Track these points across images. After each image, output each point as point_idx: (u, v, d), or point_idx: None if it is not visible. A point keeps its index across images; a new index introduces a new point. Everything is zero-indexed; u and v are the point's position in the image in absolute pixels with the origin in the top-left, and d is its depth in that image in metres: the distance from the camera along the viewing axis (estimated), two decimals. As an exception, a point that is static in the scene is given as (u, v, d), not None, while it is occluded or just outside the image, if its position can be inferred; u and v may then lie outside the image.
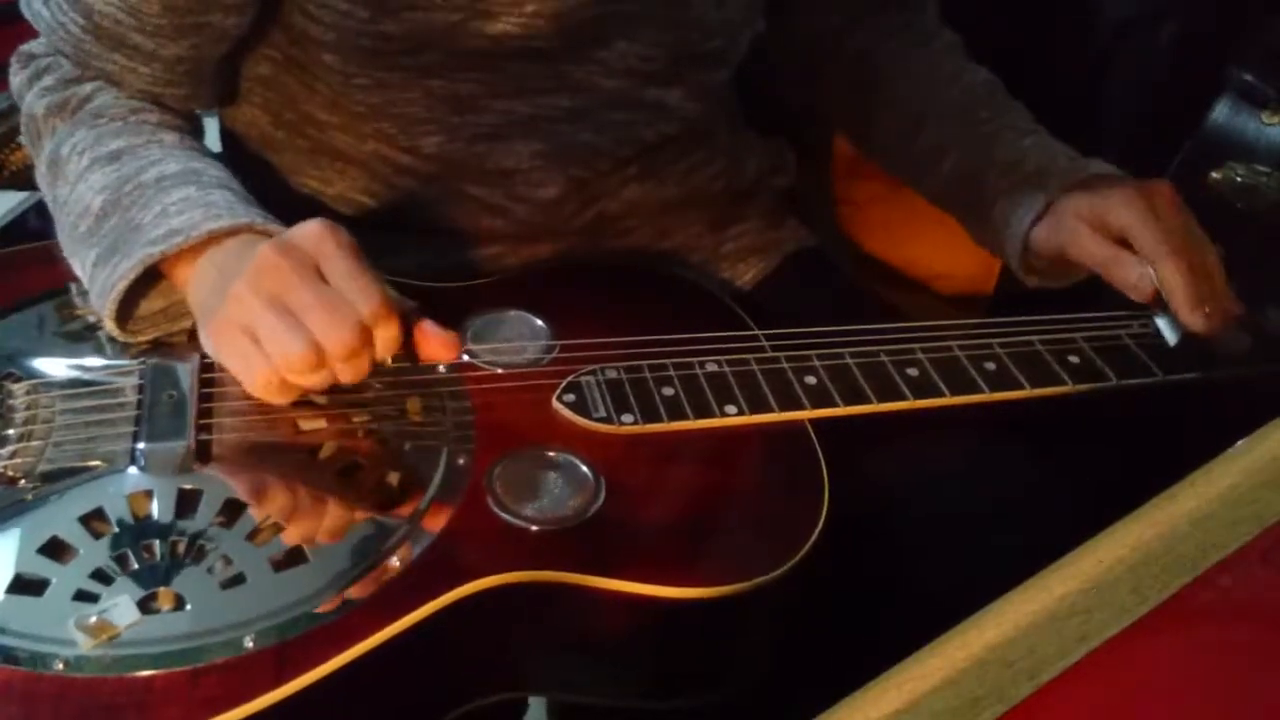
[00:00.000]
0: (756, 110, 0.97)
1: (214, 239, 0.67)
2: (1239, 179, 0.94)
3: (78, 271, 0.72)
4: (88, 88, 0.75)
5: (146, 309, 0.71)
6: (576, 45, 0.76)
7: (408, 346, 0.65)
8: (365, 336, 0.61)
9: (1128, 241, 0.74)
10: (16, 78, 0.79)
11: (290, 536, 0.62)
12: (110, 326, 0.69)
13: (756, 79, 0.94)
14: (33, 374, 0.70)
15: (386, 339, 0.63)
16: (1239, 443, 0.54)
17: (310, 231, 0.63)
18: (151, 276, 0.69)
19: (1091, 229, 0.75)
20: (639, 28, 0.77)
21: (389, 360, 0.65)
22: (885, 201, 1.10)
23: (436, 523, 0.63)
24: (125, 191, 0.70)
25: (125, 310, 0.69)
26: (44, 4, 0.75)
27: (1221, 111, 0.98)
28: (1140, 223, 0.72)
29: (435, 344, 0.66)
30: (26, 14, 0.77)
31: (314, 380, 0.63)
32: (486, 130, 0.78)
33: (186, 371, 0.70)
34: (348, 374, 0.63)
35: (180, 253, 0.67)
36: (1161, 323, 0.73)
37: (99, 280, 0.69)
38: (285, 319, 0.61)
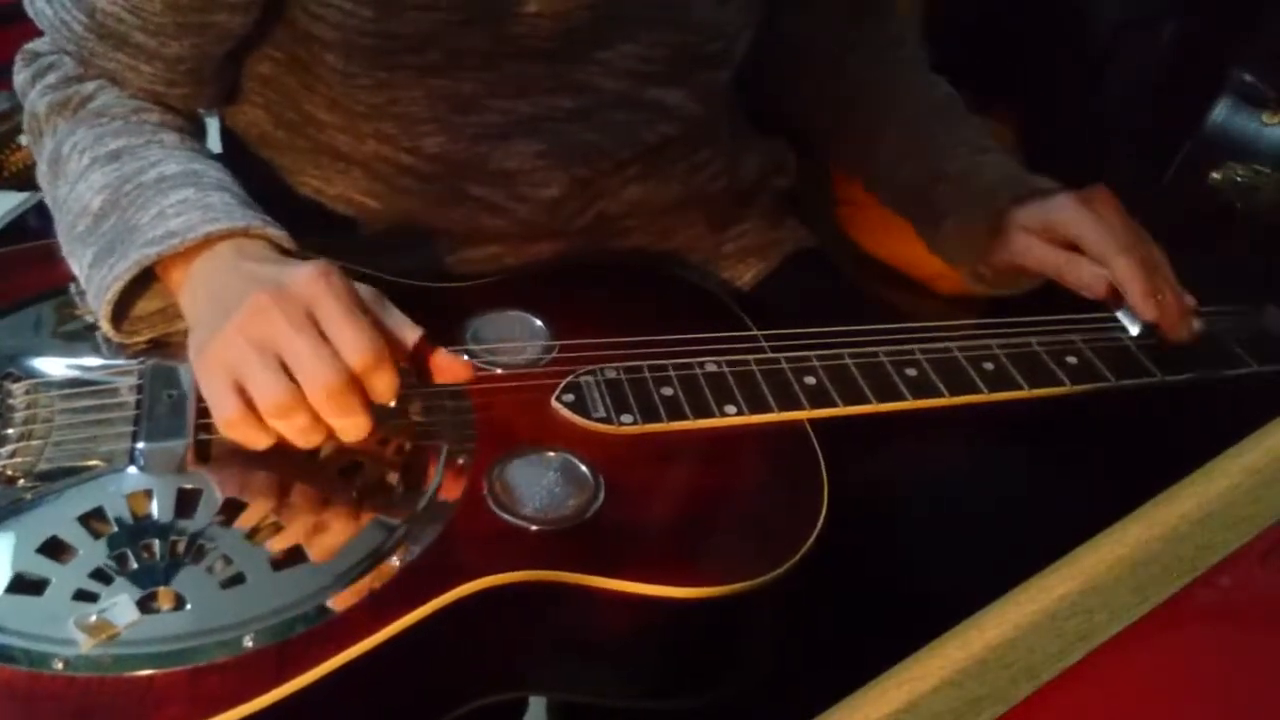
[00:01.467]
0: (757, 110, 0.97)
1: (210, 242, 0.66)
2: (1239, 179, 0.94)
3: (75, 270, 0.72)
4: (90, 86, 0.75)
5: (143, 309, 0.70)
6: (578, 46, 0.76)
7: (420, 370, 0.65)
8: (353, 385, 0.60)
9: (1076, 246, 0.77)
10: (20, 75, 0.79)
11: (290, 536, 0.62)
12: (106, 327, 0.69)
13: (757, 79, 0.94)
14: (32, 373, 0.70)
15: (382, 387, 0.61)
16: (1239, 443, 0.54)
17: (304, 275, 0.61)
18: (148, 278, 0.69)
19: (1041, 238, 0.79)
20: (640, 29, 0.78)
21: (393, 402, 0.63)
22: (885, 202, 1.10)
23: (436, 522, 0.63)
24: (125, 192, 0.70)
25: (121, 310, 0.69)
26: (47, 2, 0.74)
27: (1221, 111, 0.98)
28: (1088, 226, 0.77)
29: (451, 370, 0.65)
30: (30, 12, 0.76)
31: (305, 436, 0.61)
32: (488, 130, 0.78)
33: (185, 371, 0.70)
34: (348, 431, 0.61)
35: (176, 255, 0.67)
36: (1121, 315, 0.78)
37: (95, 280, 0.69)
38: (268, 362, 0.60)
